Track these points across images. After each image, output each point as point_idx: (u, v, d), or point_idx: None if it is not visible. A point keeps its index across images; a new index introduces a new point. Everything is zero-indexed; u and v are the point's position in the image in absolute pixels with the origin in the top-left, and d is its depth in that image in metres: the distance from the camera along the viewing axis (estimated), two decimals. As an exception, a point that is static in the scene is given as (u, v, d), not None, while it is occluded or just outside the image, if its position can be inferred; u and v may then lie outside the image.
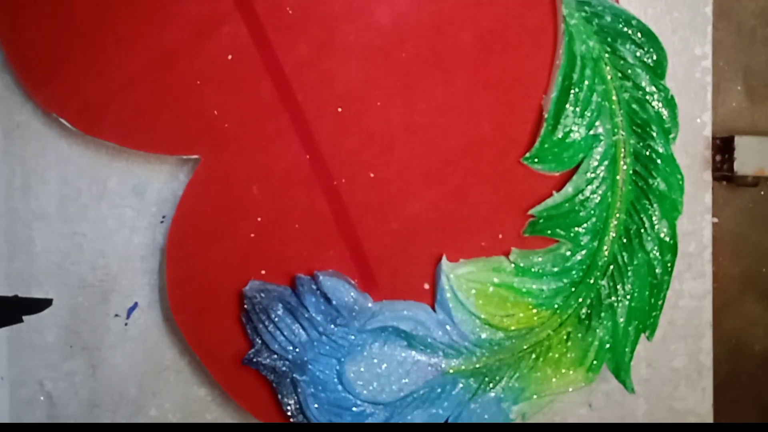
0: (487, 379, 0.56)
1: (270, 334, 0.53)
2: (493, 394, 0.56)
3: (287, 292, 0.54)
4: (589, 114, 0.56)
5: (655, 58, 0.56)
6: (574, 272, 0.57)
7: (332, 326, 0.54)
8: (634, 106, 0.56)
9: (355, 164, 0.55)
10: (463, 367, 0.56)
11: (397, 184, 0.55)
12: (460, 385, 0.56)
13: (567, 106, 0.55)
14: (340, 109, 0.54)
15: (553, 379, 0.57)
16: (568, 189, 0.56)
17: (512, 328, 0.56)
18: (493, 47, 0.55)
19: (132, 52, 0.52)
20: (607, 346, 0.57)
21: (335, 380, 0.54)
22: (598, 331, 0.57)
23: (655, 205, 0.57)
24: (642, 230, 0.57)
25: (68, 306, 0.56)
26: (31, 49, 0.52)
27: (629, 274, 0.57)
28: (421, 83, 0.55)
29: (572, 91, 0.55)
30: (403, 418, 0.55)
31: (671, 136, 0.57)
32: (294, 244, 0.55)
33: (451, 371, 0.56)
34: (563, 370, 0.57)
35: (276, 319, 0.53)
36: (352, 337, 0.54)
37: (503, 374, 0.56)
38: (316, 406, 0.53)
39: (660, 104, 0.56)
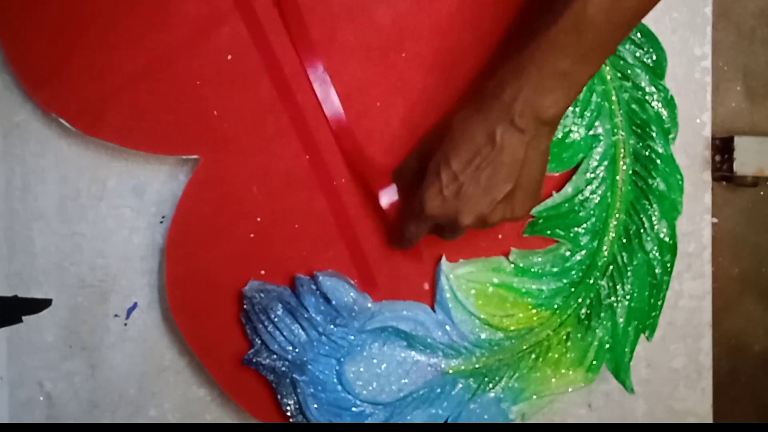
0: (486, 379, 0.56)
1: (269, 335, 0.53)
2: (492, 395, 0.56)
3: (287, 293, 0.54)
4: (588, 114, 0.56)
5: (654, 58, 0.56)
6: (573, 272, 0.57)
7: (332, 326, 0.53)
8: (633, 106, 0.56)
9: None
10: (462, 368, 0.56)
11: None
12: (460, 386, 0.56)
13: (567, 106, 0.55)
14: (339, 109, 0.54)
15: (553, 380, 0.57)
16: (568, 189, 0.56)
17: (512, 328, 0.56)
18: (493, 47, 0.55)
19: (132, 52, 0.52)
20: (607, 346, 0.57)
21: (335, 380, 0.54)
22: (597, 331, 0.57)
23: (654, 206, 0.57)
24: (641, 230, 0.57)
25: (68, 306, 0.56)
26: (31, 49, 0.52)
27: (629, 274, 0.57)
28: (421, 83, 0.55)
29: (572, 92, 0.55)
30: (402, 418, 0.55)
31: (671, 136, 0.57)
32: (293, 245, 0.55)
33: (450, 371, 0.56)
34: (563, 371, 0.57)
35: (275, 320, 0.53)
36: (352, 338, 0.54)
37: (503, 374, 0.56)
38: (315, 406, 0.53)
39: (659, 104, 0.56)
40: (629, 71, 0.56)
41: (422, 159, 0.50)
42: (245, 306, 0.53)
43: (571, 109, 0.55)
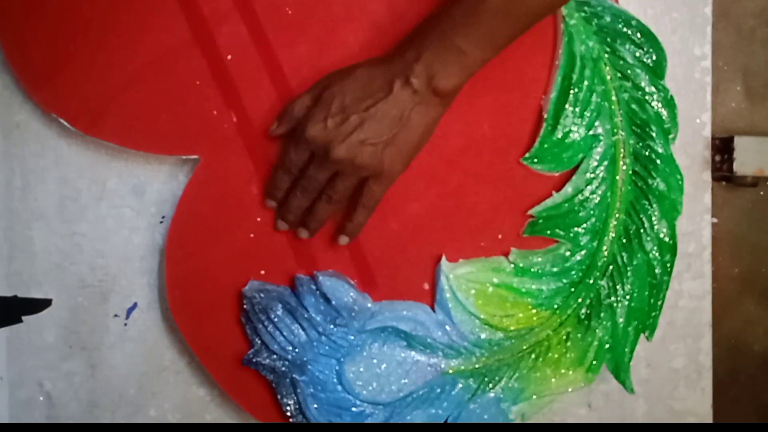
0: (486, 379, 0.56)
1: (269, 335, 0.53)
2: (492, 395, 0.56)
3: (287, 293, 0.54)
4: (588, 114, 0.56)
5: (654, 58, 0.56)
6: (573, 272, 0.57)
7: (332, 326, 0.53)
8: (633, 106, 0.56)
9: (355, 164, 0.55)
10: (462, 368, 0.56)
11: (396, 184, 0.55)
12: (460, 386, 0.56)
13: (566, 106, 0.55)
14: (339, 109, 0.54)
15: (553, 380, 0.57)
16: (568, 189, 0.56)
17: (512, 328, 0.56)
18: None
19: (132, 52, 0.52)
20: (607, 346, 0.57)
21: (335, 380, 0.54)
22: (597, 331, 0.57)
23: (654, 206, 0.57)
24: (641, 230, 0.57)
25: (67, 306, 0.56)
26: (31, 49, 0.52)
27: (629, 274, 0.57)
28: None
29: (572, 92, 0.55)
30: (402, 418, 0.55)
31: (671, 136, 0.57)
32: (293, 245, 0.55)
33: (450, 371, 0.56)
34: (563, 371, 0.57)
35: (275, 320, 0.53)
36: (352, 338, 0.54)
37: (503, 374, 0.56)
38: (315, 406, 0.53)
39: (659, 104, 0.56)
40: (629, 71, 0.56)
41: (316, 93, 0.51)
42: (245, 306, 0.53)
43: (571, 109, 0.55)
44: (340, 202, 0.52)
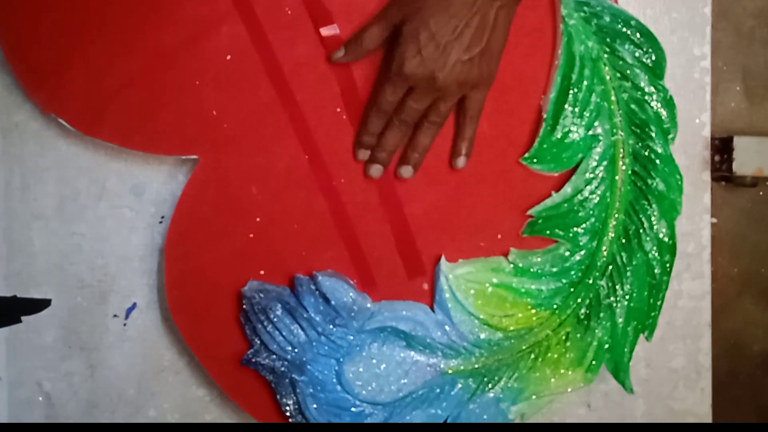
0: (485, 379, 0.56)
1: (269, 335, 0.53)
2: (492, 395, 0.56)
3: (286, 293, 0.54)
4: (588, 114, 0.56)
5: (654, 58, 0.56)
6: (573, 272, 0.57)
7: (331, 326, 0.53)
8: (633, 106, 0.56)
9: (355, 164, 0.55)
10: (462, 368, 0.56)
11: (396, 184, 0.55)
12: (459, 386, 0.56)
13: (566, 106, 0.55)
14: (339, 109, 0.54)
15: (552, 380, 0.57)
16: (567, 189, 0.56)
17: (511, 328, 0.56)
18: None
19: (131, 52, 0.52)
20: (606, 346, 0.57)
21: (334, 380, 0.54)
22: (597, 331, 0.57)
23: (654, 206, 0.57)
24: (641, 230, 0.57)
25: (67, 306, 0.56)
26: (30, 49, 0.52)
27: (628, 274, 0.57)
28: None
29: (571, 92, 0.55)
30: (401, 418, 0.55)
31: (670, 136, 0.57)
32: (293, 245, 0.55)
33: (450, 371, 0.56)
34: (562, 371, 0.57)
35: (275, 320, 0.53)
36: (351, 338, 0.54)
37: (502, 375, 0.56)
38: (314, 406, 0.53)
39: (659, 104, 0.56)
40: (628, 71, 0.56)
41: (388, 25, 0.51)
42: (244, 306, 0.53)
43: (570, 109, 0.55)
44: (442, 124, 0.53)
